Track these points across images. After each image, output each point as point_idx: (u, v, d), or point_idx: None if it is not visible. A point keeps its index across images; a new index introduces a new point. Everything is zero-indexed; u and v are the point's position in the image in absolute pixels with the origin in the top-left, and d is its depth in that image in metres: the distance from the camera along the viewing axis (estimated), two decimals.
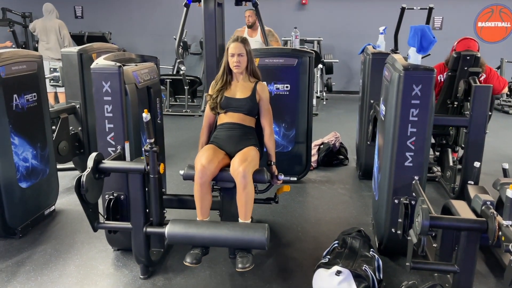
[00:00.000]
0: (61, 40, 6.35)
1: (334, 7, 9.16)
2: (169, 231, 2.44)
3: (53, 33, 6.32)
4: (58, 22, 6.40)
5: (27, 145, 3.13)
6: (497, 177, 2.87)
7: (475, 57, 3.74)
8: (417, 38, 2.57)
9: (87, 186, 2.35)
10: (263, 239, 2.30)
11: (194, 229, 2.44)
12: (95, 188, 2.48)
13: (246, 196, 2.50)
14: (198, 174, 2.52)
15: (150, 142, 2.34)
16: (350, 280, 2.36)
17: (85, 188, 2.34)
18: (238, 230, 2.38)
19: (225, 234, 2.36)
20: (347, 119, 7.05)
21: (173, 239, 2.47)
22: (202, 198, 2.54)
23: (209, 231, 2.39)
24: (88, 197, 2.39)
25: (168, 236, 2.45)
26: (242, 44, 2.82)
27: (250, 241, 2.35)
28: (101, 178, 2.50)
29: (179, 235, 2.44)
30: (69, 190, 4.02)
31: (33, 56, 3.21)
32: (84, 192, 2.36)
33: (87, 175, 2.36)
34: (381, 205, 2.81)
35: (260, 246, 2.34)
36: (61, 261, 2.83)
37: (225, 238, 2.37)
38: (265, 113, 2.90)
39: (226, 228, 2.39)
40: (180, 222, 2.48)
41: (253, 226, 2.41)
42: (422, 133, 2.55)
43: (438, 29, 8.99)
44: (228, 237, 2.36)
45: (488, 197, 2.27)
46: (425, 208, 2.11)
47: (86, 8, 9.82)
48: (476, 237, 2.13)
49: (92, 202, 2.47)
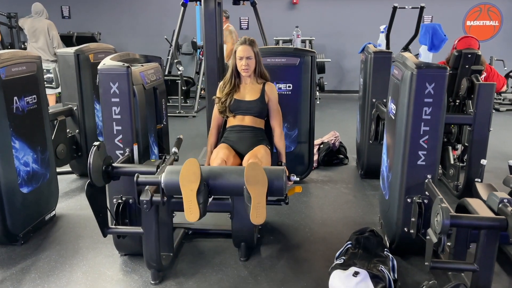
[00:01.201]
0: (50, 41, 6.24)
1: (325, 7, 9.17)
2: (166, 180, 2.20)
3: (43, 33, 6.20)
4: (47, 22, 6.28)
5: (28, 149, 3.04)
6: (497, 174, 2.88)
7: (476, 55, 3.76)
8: (428, 36, 2.57)
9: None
10: (281, 182, 2.13)
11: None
12: (101, 183, 2.41)
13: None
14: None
15: (175, 152, 2.29)
16: (367, 281, 2.34)
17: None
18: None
19: (237, 176, 2.17)
20: (342, 118, 7.07)
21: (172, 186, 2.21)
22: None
23: (217, 174, 2.20)
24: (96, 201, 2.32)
25: (166, 184, 2.20)
26: (250, 46, 2.78)
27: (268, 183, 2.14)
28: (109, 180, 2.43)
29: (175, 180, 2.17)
30: (68, 194, 3.93)
31: (33, 57, 3.12)
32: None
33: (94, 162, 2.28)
34: (392, 204, 2.79)
35: (278, 191, 2.14)
36: (67, 267, 2.75)
37: (236, 182, 2.17)
38: (274, 113, 2.87)
39: (237, 170, 2.22)
40: (179, 167, 2.25)
41: (269, 169, 2.23)
42: (435, 132, 2.55)
43: None
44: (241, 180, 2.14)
45: (505, 194, 2.27)
46: (445, 207, 2.09)
47: (74, 8, 9.64)
48: (496, 235, 2.13)
49: (99, 204, 2.39)
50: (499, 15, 8.96)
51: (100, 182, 2.34)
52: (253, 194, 2.06)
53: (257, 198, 2.06)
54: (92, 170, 2.24)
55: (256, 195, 2.05)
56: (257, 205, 2.05)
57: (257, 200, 2.06)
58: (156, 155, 2.91)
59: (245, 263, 2.77)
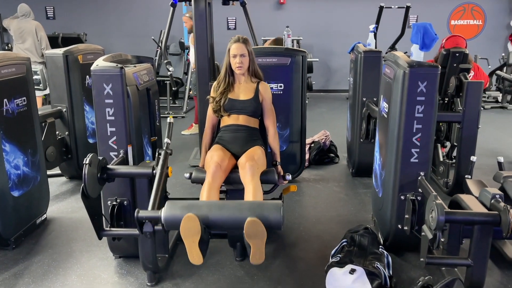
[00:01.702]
0: (38, 42, 6.16)
1: (312, 7, 9.22)
2: (166, 215, 2.15)
3: (30, 35, 6.12)
4: (35, 23, 6.21)
5: (18, 151, 3.00)
6: (484, 171, 2.92)
7: (464, 53, 3.83)
8: (420, 35, 2.61)
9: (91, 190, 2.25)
10: (279, 217, 2.12)
11: (199, 208, 2.16)
12: (98, 193, 2.39)
13: (254, 186, 2.42)
14: (211, 173, 2.46)
15: (168, 142, 2.27)
16: (364, 278, 2.37)
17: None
18: (251, 208, 2.17)
19: (236, 212, 2.15)
20: (331, 117, 7.11)
21: (172, 223, 2.15)
22: (209, 197, 2.45)
23: (217, 210, 2.17)
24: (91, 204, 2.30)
25: (165, 221, 2.15)
26: (244, 44, 2.78)
27: (265, 220, 2.13)
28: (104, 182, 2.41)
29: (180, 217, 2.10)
30: (58, 197, 3.88)
31: (22, 59, 3.07)
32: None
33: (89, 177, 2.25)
34: (386, 202, 2.82)
35: (276, 225, 2.14)
36: (61, 271, 2.72)
37: (235, 218, 2.15)
38: (268, 113, 2.87)
39: (236, 206, 2.20)
40: (180, 202, 2.22)
41: (266, 204, 2.22)
42: (427, 130, 2.58)
43: None
44: (240, 216, 2.13)
45: (497, 190, 2.32)
46: (439, 204, 2.13)
47: (58, 8, 9.53)
48: (489, 231, 2.17)
49: (94, 205, 2.37)
50: (483, 14, 9.12)
51: (95, 194, 2.34)
52: (253, 246, 2.12)
53: (256, 248, 2.12)
54: (88, 187, 2.23)
55: (255, 246, 2.12)
56: (256, 251, 2.12)
57: (256, 249, 2.12)
58: (150, 156, 2.89)
59: (241, 263, 2.77)
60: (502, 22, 9.17)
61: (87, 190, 2.22)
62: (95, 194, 2.32)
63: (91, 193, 2.26)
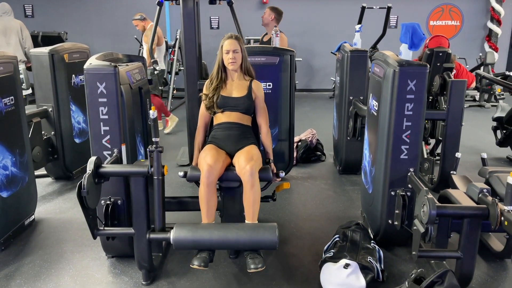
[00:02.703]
0: (23, 41, 6.11)
1: (295, 7, 9.29)
2: (175, 237, 2.35)
3: (14, 33, 6.06)
4: (19, 22, 6.20)
5: (7, 152, 2.95)
6: (466, 167, 3.01)
7: (447, 53, 3.93)
8: (408, 35, 2.67)
9: (88, 190, 2.24)
10: (274, 239, 2.30)
11: (202, 233, 2.37)
12: (95, 193, 2.37)
13: (254, 195, 2.49)
14: (205, 175, 2.48)
15: (156, 141, 2.27)
16: (357, 272, 2.42)
17: (86, 190, 2.21)
18: (248, 231, 2.36)
19: (235, 236, 2.32)
20: (315, 116, 7.20)
21: (180, 245, 2.38)
22: (209, 199, 2.50)
23: (218, 234, 2.34)
24: (89, 202, 2.28)
25: (175, 242, 2.36)
26: (237, 40, 2.81)
27: (261, 242, 2.33)
28: (100, 182, 2.40)
29: (187, 240, 2.36)
30: (45, 198, 3.83)
31: (9, 57, 3.02)
32: (84, 194, 2.23)
33: (88, 179, 2.25)
34: (376, 198, 2.89)
35: (271, 246, 2.32)
36: (54, 272, 2.69)
37: (235, 241, 2.33)
38: (261, 111, 2.90)
39: (235, 229, 2.35)
40: (186, 226, 2.41)
41: (262, 226, 2.39)
42: (416, 127, 2.65)
43: (393, 27, 9.35)
44: (238, 239, 2.32)
45: (484, 185, 2.41)
46: (431, 198, 2.19)
47: (37, 6, 9.36)
48: (478, 224, 2.25)
49: (92, 207, 2.35)
50: (460, 15, 9.35)
51: (95, 204, 2.38)
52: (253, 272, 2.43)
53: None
54: (89, 201, 2.25)
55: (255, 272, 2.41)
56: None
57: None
58: (143, 155, 2.89)
59: (235, 260, 2.79)
60: (479, 23, 9.42)
61: (88, 204, 2.25)
62: (95, 205, 2.36)
63: (91, 205, 2.29)
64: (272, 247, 2.33)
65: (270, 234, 2.32)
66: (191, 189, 3.98)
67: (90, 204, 2.29)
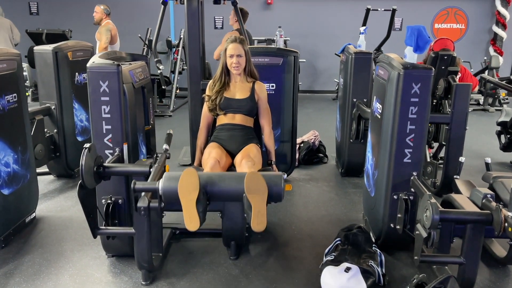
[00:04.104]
0: (13, 39, 6.29)
1: (299, 7, 9.27)
2: (165, 185, 2.13)
3: (4, 31, 6.16)
4: (8, 21, 6.42)
5: (8, 149, 2.94)
6: (469, 171, 2.98)
7: (452, 56, 3.91)
8: (414, 38, 2.66)
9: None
10: (280, 188, 2.11)
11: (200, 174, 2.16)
12: (94, 192, 2.37)
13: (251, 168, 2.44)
14: (209, 169, 2.45)
15: (166, 148, 2.26)
16: (358, 276, 2.40)
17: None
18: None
19: (235, 182, 2.14)
20: (318, 118, 7.18)
21: (170, 195, 2.14)
22: None
23: (216, 178, 2.16)
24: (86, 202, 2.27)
25: (164, 191, 2.13)
26: (241, 44, 2.79)
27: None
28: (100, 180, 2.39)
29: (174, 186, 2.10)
30: (46, 196, 3.82)
31: (13, 54, 3.02)
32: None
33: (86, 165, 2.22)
34: (378, 201, 2.87)
35: (277, 196, 2.13)
36: (53, 270, 2.68)
37: (235, 188, 2.14)
38: (263, 112, 2.89)
39: (236, 176, 2.19)
40: (178, 174, 2.18)
41: (267, 175, 2.21)
42: (420, 130, 2.63)
43: (398, 29, 9.31)
44: (240, 186, 2.12)
45: (488, 190, 2.39)
46: (434, 203, 2.17)
47: (42, 4, 9.37)
48: (481, 229, 2.23)
49: (90, 204, 2.34)
50: (466, 18, 9.31)
51: (92, 184, 2.29)
52: (253, 203, 2.06)
53: (257, 206, 2.06)
54: (84, 172, 2.19)
55: (256, 204, 2.05)
56: (257, 213, 2.06)
57: (258, 209, 2.06)
58: (144, 155, 2.88)
59: (236, 262, 2.78)
60: (484, 26, 9.38)
61: (84, 177, 2.17)
62: (91, 185, 2.28)
63: (87, 182, 2.21)
64: (278, 197, 2.14)
65: (276, 182, 2.13)
66: None
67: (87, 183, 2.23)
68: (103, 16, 6.17)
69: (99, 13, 6.19)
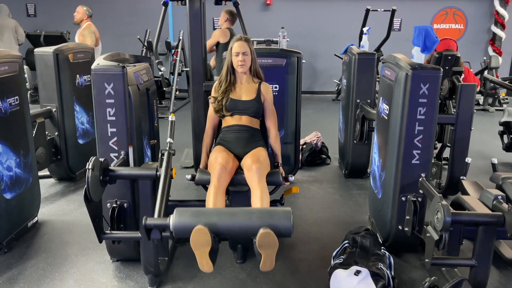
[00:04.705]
0: (16, 39, 6.26)
1: (298, 8, 9.25)
2: (176, 222, 2.05)
3: (8, 31, 6.10)
4: (13, 21, 6.29)
5: (11, 152, 2.90)
6: (473, 172, 2.95)
7: (456, 56, 3.89)
8: (421, 38, 2.63)
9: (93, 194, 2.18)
10: (289, 224, 2.05)
11: (207, 217, 2.08)
12: (100, 196, 2.33)
13: (262, 190, 2.39)
14: (216, 174, 2.42)
15: (170, 142, 2.21)
16: (368, 280, 2.37)
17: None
18: (259, 215, 2.10)
19: (244, 220, 2.07)
20: (318, 119, 7.16)
21: (181, 231, 2.06)
22: (216, 200, 2.41)
23: (225, 218, 2.09)
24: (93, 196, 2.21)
25: (175, 228, 2.06)
26: (246, 42, 2.77)
27: (275, 228, 2.05)
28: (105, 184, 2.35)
29: (189, 225, 2.02)
30: (48, 199, 3.78)
31: (14, 57, 2.97)
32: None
33: (92, 182, 2.18)
34: (386, 203, 2.84)
35: (285, 233, 2.06)
36: (57, 275, 2.64)
37: (244, 226, 2.07)
38: (269, 114, 2.86)
39: (245, 213, 2.12)
40: (188, 210, 2.14)
41: (275, 210, 2.16)
42: (428, 131, 2.61)
43: (397, 30, 9.31)
44: (248, 223, 2.06)
45: (498, 191, 2.36)
46: (445, 205, 2.15)
47: (39, 6, 9.31)
48: (493, 231, 2.20)
49: (96, 208, 2.30)
50: (464, 18, 9.32)
51: (98, 197, 2.26)
52: (264, 256, 2.07)
53: (267, 257, 2.08)
54: (92, 192, 2.14)
55: (267, 256, 2.07)
56: (266, 260, 2.08)
57: (267, 258, 2.08)
58: (149, 158, 2.84)
59: (242, 266, 2.75)
60: (483, 26, 9.38)
61: (91, 194, 2.15)
62: (98, 197, 2.25)
63: (94, 197, 2.18)
64: (287, 234, 2.09)
65: (284, 219, 2.07)
66: (196, 191, 3.94)
67: (93, 196, 2.18)
68: (84, 17, 5.86)
69: (80, 14, 5.86)
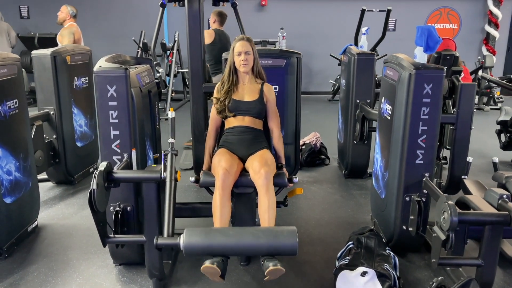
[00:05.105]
0: (9, 42, 6.21)
1: (293, 9, 9.25)
2: (186, 242, 2.15)
3: (2, 34, 6.07)
4: (6, 24, 6.26)
5: (10, 156, 2.86)
6: (472, 171, 2.95)
7: (455, 56, 3.90)
8: (424, 38, 2.63)
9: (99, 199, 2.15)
10: (294, 243, 2.13)
11: (215, 237, 2.20)
12: (105, 199, 2.30)
13: (270, 200, 2.41)
14: (220, 179, 2.40)
15: (172, 142, 2.20)
16: (375, 280, 2.37)
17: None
18: (266, 235, 2.18)
19: (251, 240, 2.15)
20: (315, 119, 7.16)
21: (191, 251, 2.18)
22: (223, 205, 2.42)
23: (233, 238, 2.18)
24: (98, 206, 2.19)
25: (185, 248, 2.16)
26: (249, 42, 2.76)
27: (280, 247, 2.15)
28: (110, 187, 2.32)
29: (198, 245, 2.17)
30: (47, 203, 3.73)
31: (13, 59, 2.94)
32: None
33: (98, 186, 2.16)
34: (389, 203, 2.84)
35: (291, 252, 2.16)
36: (60, 280, 2.60)
37: (251, 245, 2.16)
38: (272, 115, 2.84)
39: (252, 233, 2.19)
40: (197, 230, 2.23)
41: (281, 230, 2.22)
42: (432, 131, 2.62)
43: (392, 30, 9.34)
44: (255, 243, 2.15)
45: (503, 191, 2.36)
46: (452, 205, 2.14)
47: (32, 8, 9.22)
48: (500, 231, 2.20)
49: (101, 212, 2.27)
50: (458, 18, 9.37)
51: (104, 207, 2.25)
52: (270, 277, 2.24)
53: (273, 276, 2.24)
54: (99, 206, 2.14)
55: (273, 276, 2.24)
56: (271, 276, 2.25)
57: (273, 277, 2.24)
58: (152, 160, 2.82)
59: (247, 268, 2.73)
60: (477, 26, 9.44)
61: (97, 207, 2.13)
62: (104, 207, 2.24)
63: (100, 208, 2.17)
64: (292, 253, 2.15)
65: (290, 238, 2.14)
66: (196, 193, 3.91)
67: (99, 207, 2.18)
68: (67, 17, 5.68)
69: (63, 13, 5.69)
